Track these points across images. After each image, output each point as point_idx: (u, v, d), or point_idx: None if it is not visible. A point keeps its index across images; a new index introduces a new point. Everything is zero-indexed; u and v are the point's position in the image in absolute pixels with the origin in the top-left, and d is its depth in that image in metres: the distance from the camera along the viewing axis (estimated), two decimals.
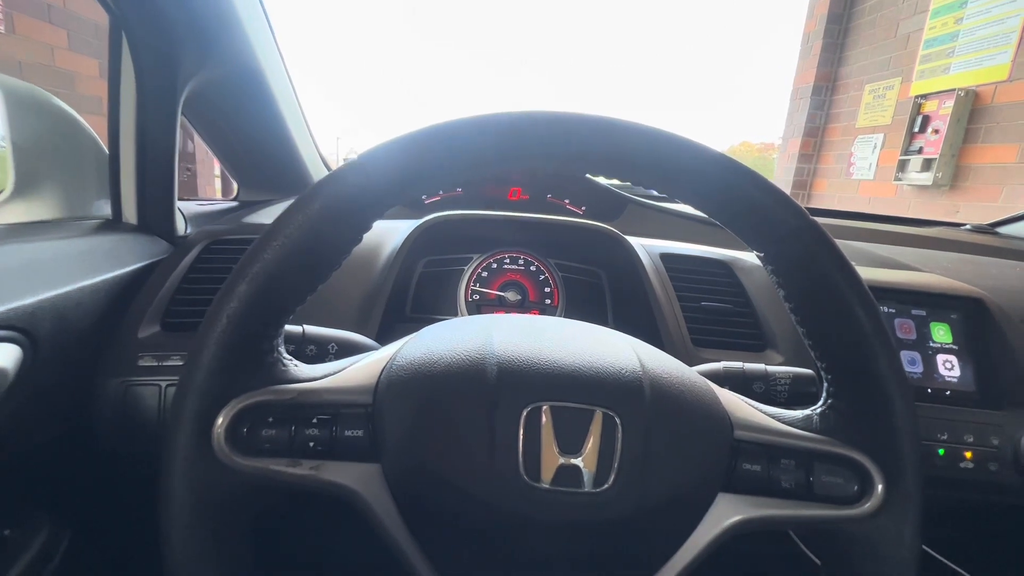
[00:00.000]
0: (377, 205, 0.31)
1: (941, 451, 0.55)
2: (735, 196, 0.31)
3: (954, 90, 2.56)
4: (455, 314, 0.74)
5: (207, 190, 3.20)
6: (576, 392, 0.30)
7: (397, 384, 0.32)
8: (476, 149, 0.30)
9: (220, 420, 0.29)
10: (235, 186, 1.00)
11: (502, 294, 0.75)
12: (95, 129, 0.70)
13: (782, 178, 3.94)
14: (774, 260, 0.32)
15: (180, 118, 0.66)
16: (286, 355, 0.34)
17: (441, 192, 0.89)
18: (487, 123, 0.30)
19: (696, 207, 0.32)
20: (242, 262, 0.29)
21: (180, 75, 0.63)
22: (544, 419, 0.29)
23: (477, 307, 0.75)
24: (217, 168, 3.01)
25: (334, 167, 1.04)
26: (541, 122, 0.30)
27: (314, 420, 0.31)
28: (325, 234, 0.30)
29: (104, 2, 0.58)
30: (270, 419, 0.31)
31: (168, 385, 0.53)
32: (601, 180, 0.94)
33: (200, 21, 0.63)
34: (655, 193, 0.76)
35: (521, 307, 0.75)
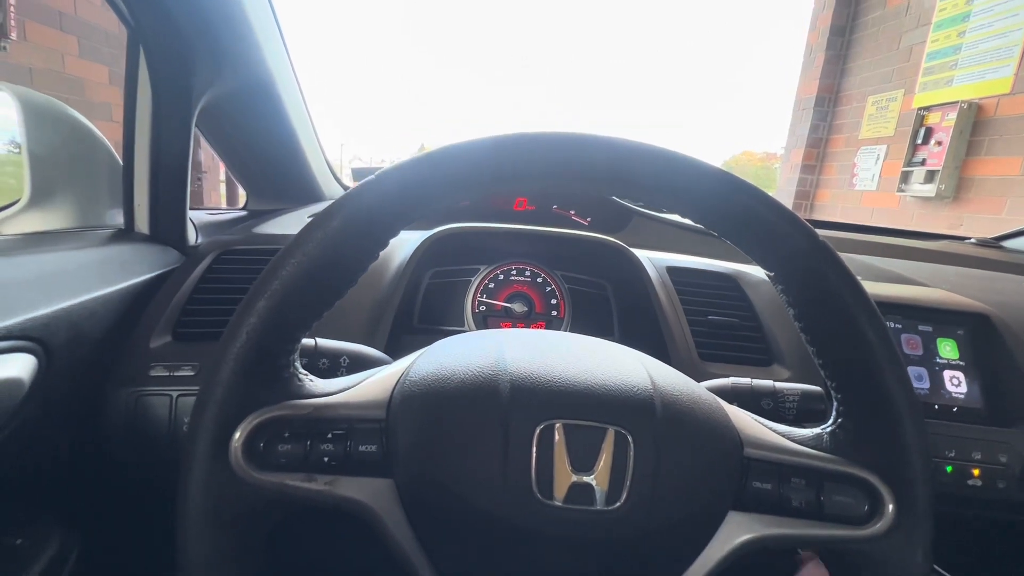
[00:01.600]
0: (394, 223, 0.31)
1: (949, 468, 0.55)
2: (745, 217, 0.31)
3: (957, 102, 2.57)
4: (462, 325, 0.75)
5: (212, 195, 3.23)
6: (589, 410, 0.30)
7: (410, 400, 0.32)
8: (486, 169, 0.30)
9: (238, 435, 0.30)
10: (240, 191, 1.01)
11: (508, 305, 0.75)
12: (105, 135, 0.70)
13: (785, 188, 3.95)
14: (784, 280, 0.33)
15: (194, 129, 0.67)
16: (301, 370, 0.34)
17: None
18: (498, 144, 0.30)
19: (706, 227, 0.33)
20: (261, 278, 0.30)
21: (195, 88, 0.64)
22: (557, 437, 0.30)
23: (483, 318, 0.75)
24: (222, 174, 3.03)
25: (339, 174, 1.05)
26: (554, 143, 0.30)
27: (329, 435, 0.31)
28: (343, 251, 0.31)
29: (123, 16, 0.59)
30: (286, 434, 0.31)
31: (179, 395, 0.54)
32: None
33: (216, 35, 0.64)
34: None
35: (527, 318, 0.75)
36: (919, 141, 2.78)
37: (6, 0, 2.16)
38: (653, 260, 0.74)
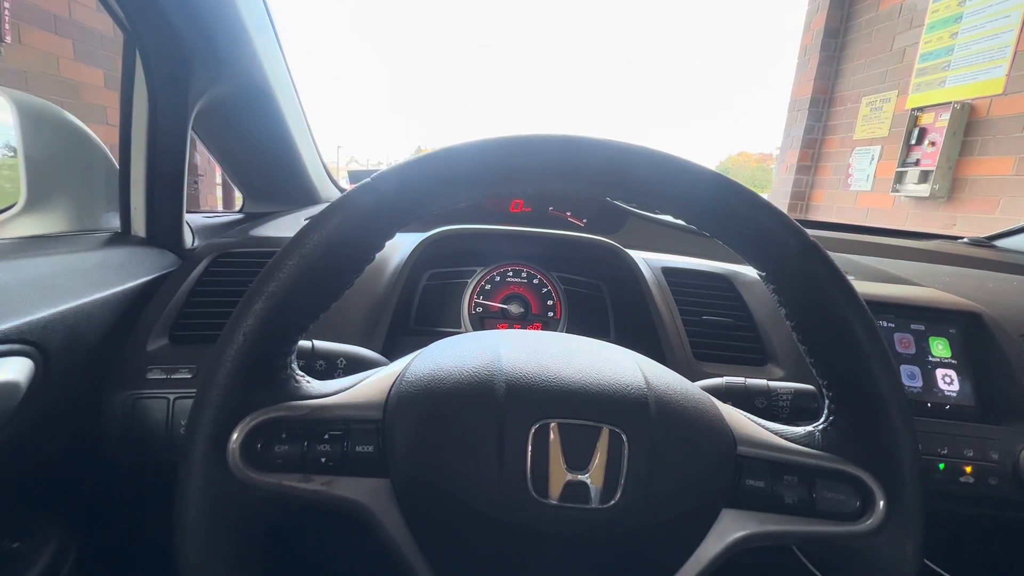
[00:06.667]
0: (390, 225, 0.32)
1: (941, 465, 0.56)
2: (736, 217, 0.32)
3: (950, 103, 2.59)
4: (458, 326, 0.75)
5: (208, 198, 3.22)
6: (583, 409, 0.31)
7: (406, 400, 0.33)
8: (481, 171, 0.31)
9: (235, 436, 0.30)
10: (237, 195, 1.01)
11: (505, 307, 0.75)
12: (100, 138, 0.70)
13: (780, 189, 3.97)
14: (776, 280, 0.33)
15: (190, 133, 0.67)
16: (299, 371, 0.34)
17: None
18: (493, 146, 0.31)
19: (699, 228, 0.33)
20: (258, 281, 0.30)
21: (191, 92, 0.65)
22: (552, 436, 0.30)
23: (480, 320, 0.75)
24: (218, 176, 3.03)
25: (336, 176, 1.05)
26: (550, 145, 0.31)
27: (326, 436, 0.32)
28: (340, 253, 0.31)
29: (119, 21, 0.59)
30: (283, 435, 0.31)
31: (176, 398, 0.54)
32: None
33: (212, 40, 0.65)
34: None
35: (524, 320, 0.75)
36: (913, 142, 2.80)
37: (1, 3, 2.16)
38: (648, 261, 0.74)
